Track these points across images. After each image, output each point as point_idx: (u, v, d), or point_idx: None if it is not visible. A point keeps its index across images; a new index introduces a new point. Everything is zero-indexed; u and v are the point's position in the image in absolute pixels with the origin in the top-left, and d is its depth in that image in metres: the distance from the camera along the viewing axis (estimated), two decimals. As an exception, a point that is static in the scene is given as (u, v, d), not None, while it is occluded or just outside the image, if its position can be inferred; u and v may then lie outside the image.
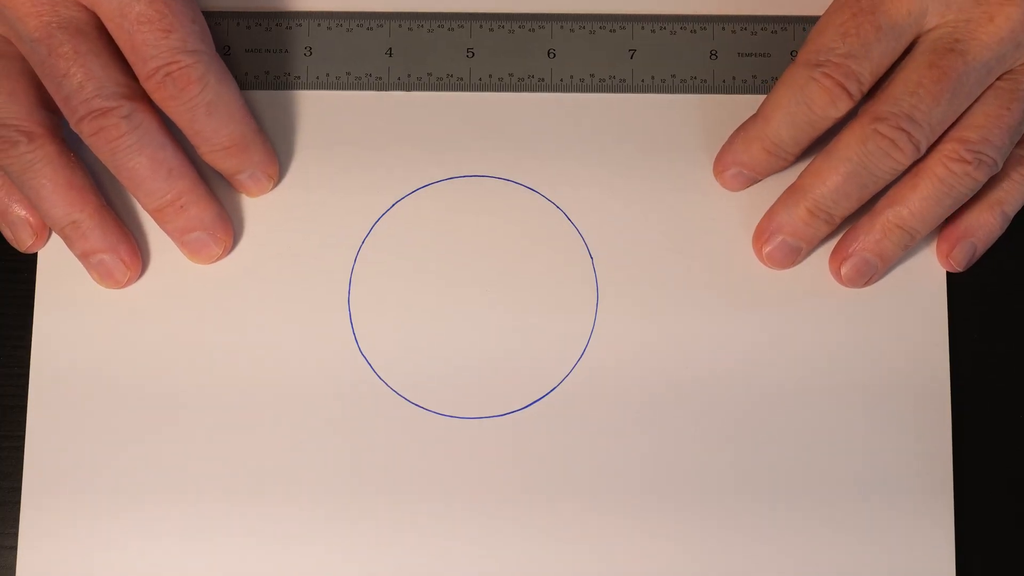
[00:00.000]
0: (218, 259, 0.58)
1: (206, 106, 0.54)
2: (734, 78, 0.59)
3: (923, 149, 0.54)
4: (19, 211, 0.57)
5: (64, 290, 0.58)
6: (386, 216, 0.59)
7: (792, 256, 0.58)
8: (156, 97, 0.54)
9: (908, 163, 0.54)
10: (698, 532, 0.57)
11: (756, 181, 0.58)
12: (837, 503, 0.57)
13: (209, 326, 0.58)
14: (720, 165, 0.58)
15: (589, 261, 0.59)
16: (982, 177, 0.54)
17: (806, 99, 0.54)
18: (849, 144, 0.54)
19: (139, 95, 0.54)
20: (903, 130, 0.53)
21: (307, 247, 0.58)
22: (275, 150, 0.58)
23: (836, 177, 0.55)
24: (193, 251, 0.57)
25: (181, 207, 0.56)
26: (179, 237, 0.57)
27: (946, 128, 0.54)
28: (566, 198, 0.59)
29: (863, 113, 0.54)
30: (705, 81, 0.59)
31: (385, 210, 0.59)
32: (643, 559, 0.57)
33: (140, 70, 0.54)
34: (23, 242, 0.58)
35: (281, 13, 0.60)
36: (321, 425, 0.57)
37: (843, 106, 0.54)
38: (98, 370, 0.58)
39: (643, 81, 0.59)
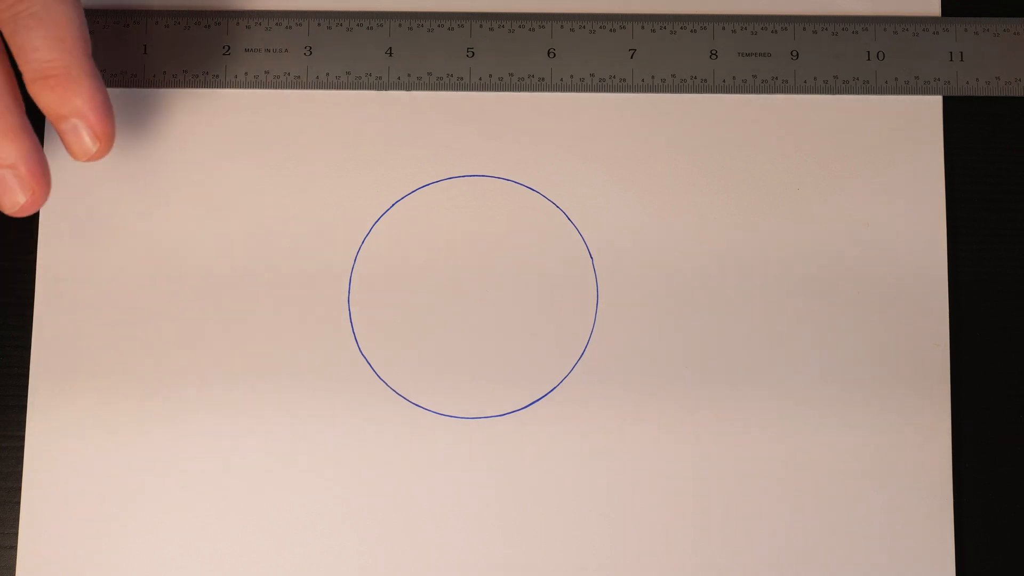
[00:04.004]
0: (22, 209, 0.53)
1: (29, 16, 0.50)
2: (734, 78, 0.59)
3: None
4: None
5: (64, 290, 0.58)
6: (386, 216, 0.59)
7: None
8: None
9: None
10: (704, 525, 0.57)
11: None
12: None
13: (209, 326, 0.58)
14: None
15: (589, 261, 0.59)
16: None
17: None
18: None
19: None
20: None
21: (307, 247, 0.58)
22: (113, 114, 0.53)
23: None
24: None
25: None
26: None
27: None
28: (566, 198, 0.59)
29: None
30: (705, 81, 0.59)
31: (385, 210, 0.59)
32: (645, 557, 0.57)
33: None
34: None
35: (281, 13, 0.60)
36: (321, 425, 0.57)
37: None
38: (98, 370, 0.58)
39: (643, 81, 0.59)
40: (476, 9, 0.60)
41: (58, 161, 0.59)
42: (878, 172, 0.59)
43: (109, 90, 0.55)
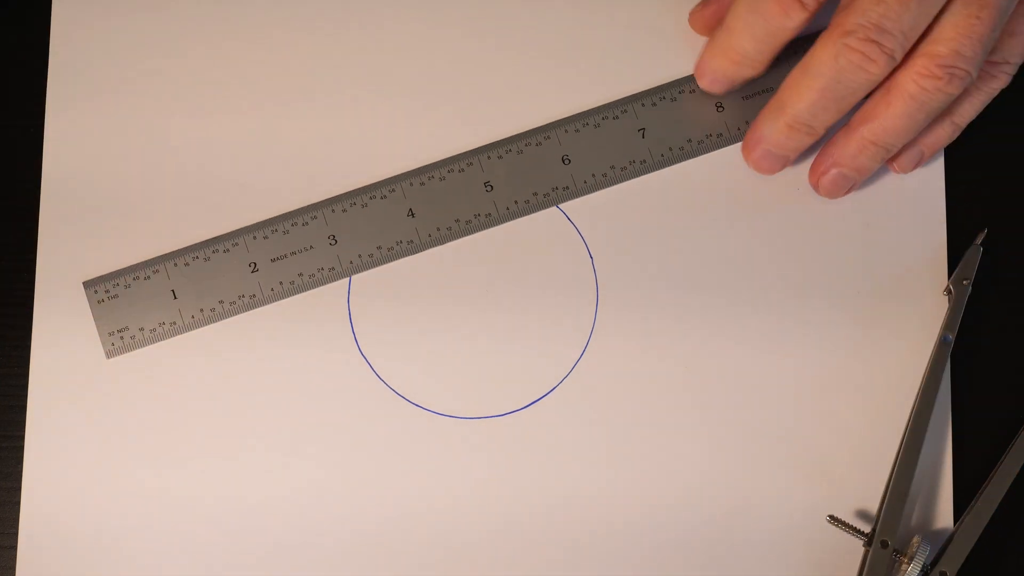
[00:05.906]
0: None
1: None
2: (747, 122, 0.59)
3: (898, 57, 0.53)
4: None
5: (64, 290, 0.58)
6: (386, 216, 0.59)
7: (779, 164, 0.58)
8: None
9: (884, 74, 0.53)
10: (707, 523, 0.58)
11: (734, 86, 0.58)
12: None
13: (209, 326, 0.58)
14: (698, 72, 0.58)
15: (589, 261, 0.59)
16: (955, 91, 0.53)
17: (761, 11, 0.54)
18: (822, 60, 0.53)
19: None
20: (874, 42, 0.52)
21: None
22: None
23: (812, 93, 0.54)
24: None
25: None
26: None
27: (920, 33, 0.53)
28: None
29: (833, 26, 0.53)
30: (721, 136, 0.59)
31: (385, 210, 0.59)
32: (646, 555, 0.58)
33: None
34: None
35: (295, 213, 0.58)
36: (321, 425, 0.58)
37: (796, 16, 0.53)
38: (97, 369, 0.58)
39: (662, 156, 0.59)
40: (479, 143, 0.59)
41: (53, 160, 0.59)
42: (877, 170, 0.59)
43: None
